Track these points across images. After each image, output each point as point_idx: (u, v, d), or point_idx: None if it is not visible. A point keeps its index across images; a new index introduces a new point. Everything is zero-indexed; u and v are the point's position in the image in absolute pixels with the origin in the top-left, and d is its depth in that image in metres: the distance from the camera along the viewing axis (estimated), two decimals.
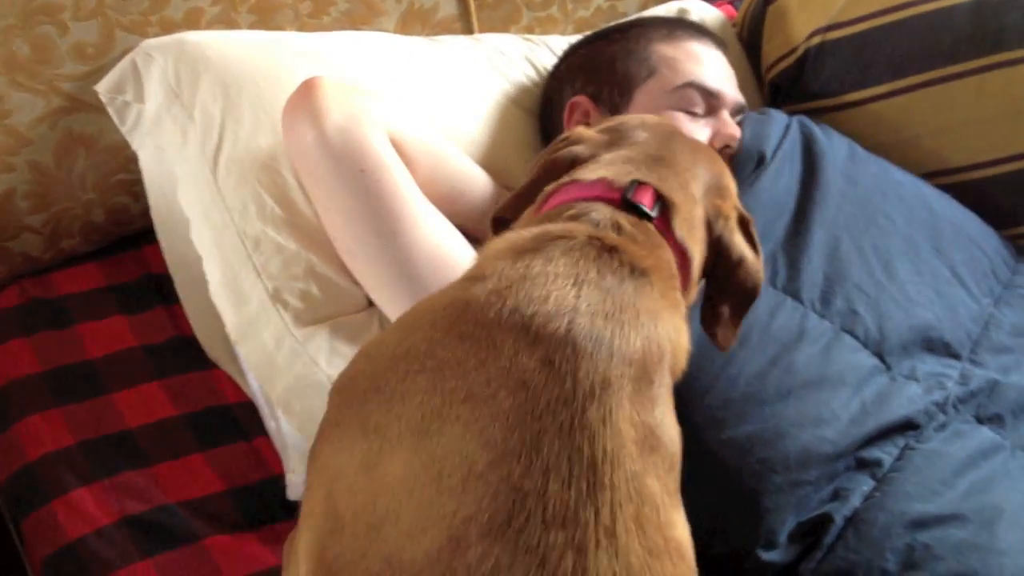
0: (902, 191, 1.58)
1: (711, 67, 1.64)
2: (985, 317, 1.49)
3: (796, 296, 1.39)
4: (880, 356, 1.37)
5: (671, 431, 0.97)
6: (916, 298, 1.44)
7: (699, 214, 1.13)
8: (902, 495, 1.24)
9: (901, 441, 1.30)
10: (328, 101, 1.38)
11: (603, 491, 0.86)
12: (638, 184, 1.09)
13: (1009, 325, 1.49)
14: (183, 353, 1.71)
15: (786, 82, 1.84)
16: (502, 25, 2.01)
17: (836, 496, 1.26)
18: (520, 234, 1.03)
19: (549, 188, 1.13)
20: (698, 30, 1.72)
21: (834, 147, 1.61)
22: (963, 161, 1.72)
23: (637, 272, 1.00)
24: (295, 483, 1.51)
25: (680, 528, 0.93)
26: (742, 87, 1.74)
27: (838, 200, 1.51)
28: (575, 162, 1.16)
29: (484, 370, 0.90)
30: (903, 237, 1.51)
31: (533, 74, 1.84)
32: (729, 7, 2.10)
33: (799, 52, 1.80)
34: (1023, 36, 1.70)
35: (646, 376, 0.95)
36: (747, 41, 1.96)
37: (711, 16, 2.01)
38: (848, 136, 1.72)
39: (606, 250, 1.00)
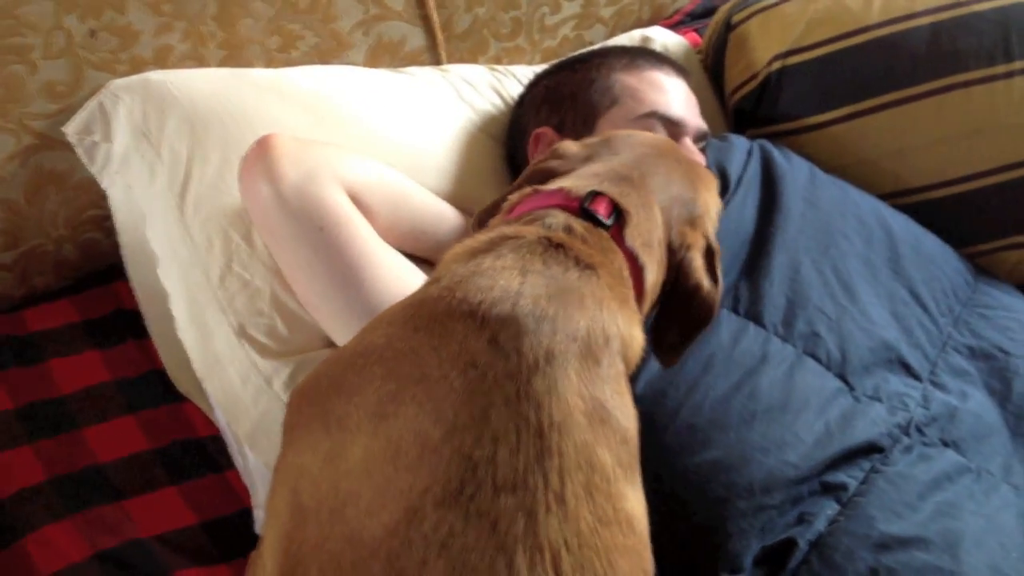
0: (861, 213, 1.60)
1: (673, 95, 1.66)
2: (943, 338, 1.50)
3: (758, 320, 1.41)
4: (843, 378, 1.38)
5: (623, 408, 0.99)
6: (877, 319, 1.45)
7: (659, 234, 1.15)
8: (867, 518, 1.25)
9: (866, 464, 1.31)
10: (283, 161, 1.39)
11: (551, 457, 0.90)
12: (596, 195, 1.12)
13: (966, 348, 1.50)
14: (155, 387, 1.70)
15: (749, 107, 1.86)
16: (470, 56, 2.03)
17: (801, 520, 1.26)
18: (476, 238, 1.08)
19: (513, 198, 1.17)
20: (659, 58, 1.74)
21: (794, 170, 1.63)
22: (922, 181, 1.75)
23: (583, 264, 1.04)
24: (263, 518, 1.52)
25: (632, 501, 0.95)
26: (706, 113, 1.76)
27: (799, 223, 1.53)
28: (551, 174, 1.21)
29: (436, 355, 0.94)
30: (862, 259, 1.52)
31: (500, 103, 1.86)
32: (694, 35, 2.12)
33: (760, 77, 1.82)
34: (979, 57, 1.73)
35: (592, 355, 0.98)
36: (711, 68, 1.98)
37: (674, 43, 2.04)
38: (810, 159, 1.74)
39: (553, 246, 1.05)
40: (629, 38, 2.04)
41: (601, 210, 1.11)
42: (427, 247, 1.52)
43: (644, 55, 1.74)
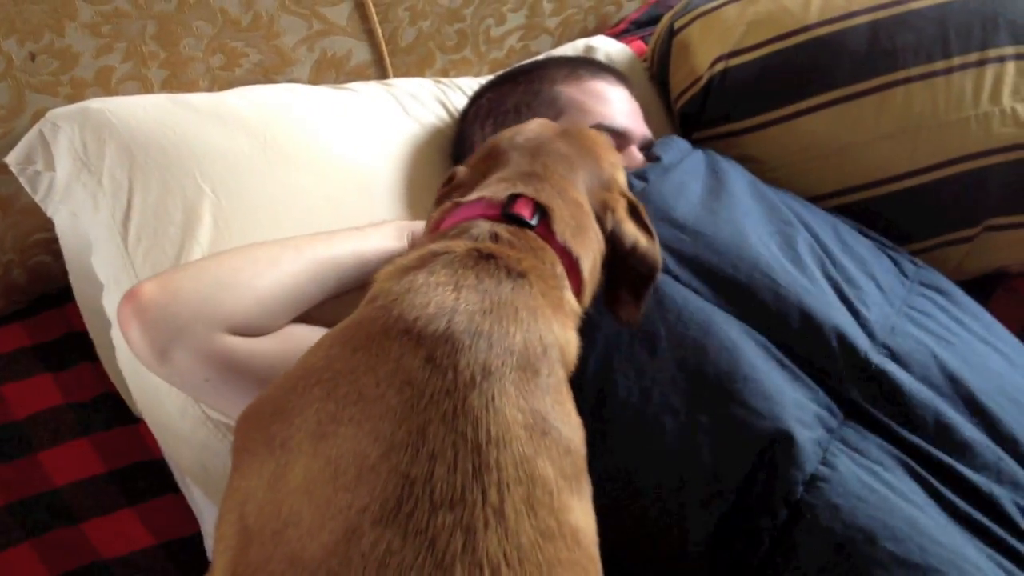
0: (800, 209, 1.61)
1: (616, 105, 1.67)
2: (891, 324, 1.49)
3: (702, 292, 1.39)
4: (786, 347, 1.36)
5: (566, 418, 1.00)
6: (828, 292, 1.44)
7: (586, 215, 1.17)
8: (829, 503, 1.23)
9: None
10: (151, 324, 1.29)
11: (489, 472, 0.89)
12: (516, 197, 1.14)
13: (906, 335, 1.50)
14: (109, 409, 1.71)
15: (694, 110, 1.87)
16: (416, 69, 2.04)
17: (764, 505, 1.24)
18: (406, 257, 1.09)
19: (435, 215, 1.18)
20: (600, 67, 1.76)
21: (739, 172, 1.64)
22: (866, 178, 1.76)
23: (514, 274, 1.05)
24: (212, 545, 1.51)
25: (578, 513, 0.95)
26: (653, 120, 1.77)
27: (747, 204, 1.54)
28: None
29: (373, 374, 0.95)
30: (808, 244, 1.51)
31: (446, 117, 1.86)
32: (640, 43, 2.14)
33: (704, 80, 1.83)
34: (918, 54, 1.74)
35: (530, 367, 0.99)
36: (656, 74, 1.99)
37: (618, 52, 2.05)
38: (755, 159, 1.77)
39: (483, 258, 1.05)
40: (573, 48, 2.05)
41: (524, 211, 1.12)
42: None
43: (585, 65, 1.75)
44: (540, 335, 1.02)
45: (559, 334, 1.05)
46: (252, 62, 1.85)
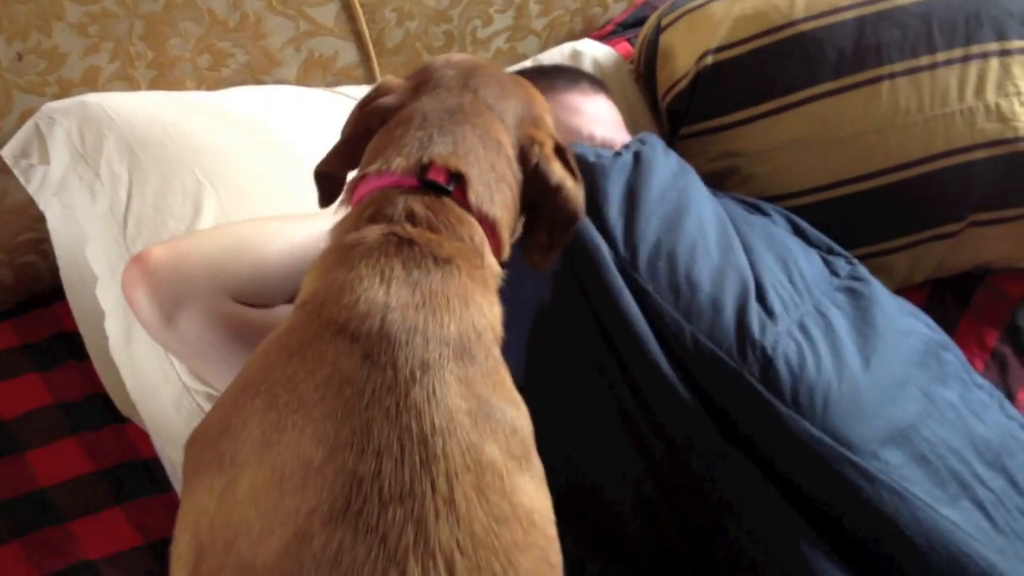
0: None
1: (593, 116, 1.67)
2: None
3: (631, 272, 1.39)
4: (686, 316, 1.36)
5: (508, 399, 0.99)
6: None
7: (506, 159, 1.14)
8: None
9: None
10: (160, 286, 1.31)
11: (436, 463, 0.89)
12: (430, 164, 1.09)
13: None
14: (97, 408, 1.70)
15: (681, 106, 1.88)
16: (404, 70, 2.04)
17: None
18: (325, 254, 1.07)
19: (353, 180, 1.14)
20: (575, 76, 1.75)
21: (667, 161, 1.59)
22: (851, 173, 1.77)
23: (440, 261, 1.02)
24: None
25: (531, 495, 0.95)
26: (638, 121, 1.78)
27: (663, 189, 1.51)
28: (386, 113, 1.17)
29: (312, 379, 0.93)
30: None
31: None
32: (626, 44, 2.15)
33: (691, 76, 1.84)
34: (903, 50, 1.76)
35: (467, 353, 0.98)
36: (643, 73, 2.00)
37: (603, 55, 2.05)
38: (740, 153, 1.79)
39: (406, 243, 1.02)
40: (559, 52, 2.05)
41: (440, 178, 1.08)
42: None
43: (561, 75, 1.75)
44: (472, 321, 1.00)
45: (489, 315, 1.04)
46: (239, 62, 1.85)
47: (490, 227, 1.10)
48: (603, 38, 2.20)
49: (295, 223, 1.40)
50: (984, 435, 1.37)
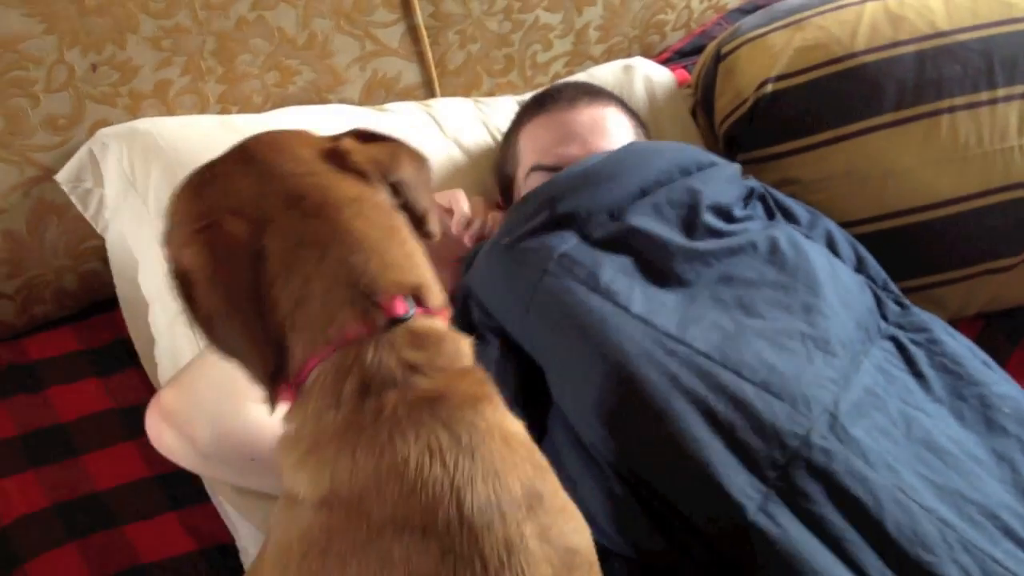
0: None
1: (550, 135, 1.69)
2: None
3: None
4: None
5: (574, 525, 0.97)
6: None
7: (386, 213, 1.02)
8: None
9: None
10: (185, 431, 1.32)
11: None
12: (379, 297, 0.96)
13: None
14: None
15: (739, 132, 1.89)
16: (464, 91, 2.07)
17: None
18: (313, 444, 0.95)
19: (300, 355, 0.97)
20: (555, 96, 1.76)
21: None
22: (908, 204, 1.78)
23: (468, 403, 0.94)
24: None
25: None
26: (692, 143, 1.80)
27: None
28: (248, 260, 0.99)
29: None
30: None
31: (488, 137, 1.91)
32: (683, 71, 2.16)
33: (749, 102, 1.86)
34: (963, 84, 1.77)
35: (535, 496, 0.93)
36: (701, 99, 2.02)
37: (658, 74, 2.07)
38: (796, 180, 1.79)
39: (428, 403, 0.93)
40: (611, 69, 2.06)
41: (399, 310, 0.96)
42: None
43: (547, 99, 1.77)
44: (524, 455, 0.96)
45: (515, 426, 0.99)
46: (305, 80, 1.88)
47: (446, 311, 1.02)
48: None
49: None
50: None
